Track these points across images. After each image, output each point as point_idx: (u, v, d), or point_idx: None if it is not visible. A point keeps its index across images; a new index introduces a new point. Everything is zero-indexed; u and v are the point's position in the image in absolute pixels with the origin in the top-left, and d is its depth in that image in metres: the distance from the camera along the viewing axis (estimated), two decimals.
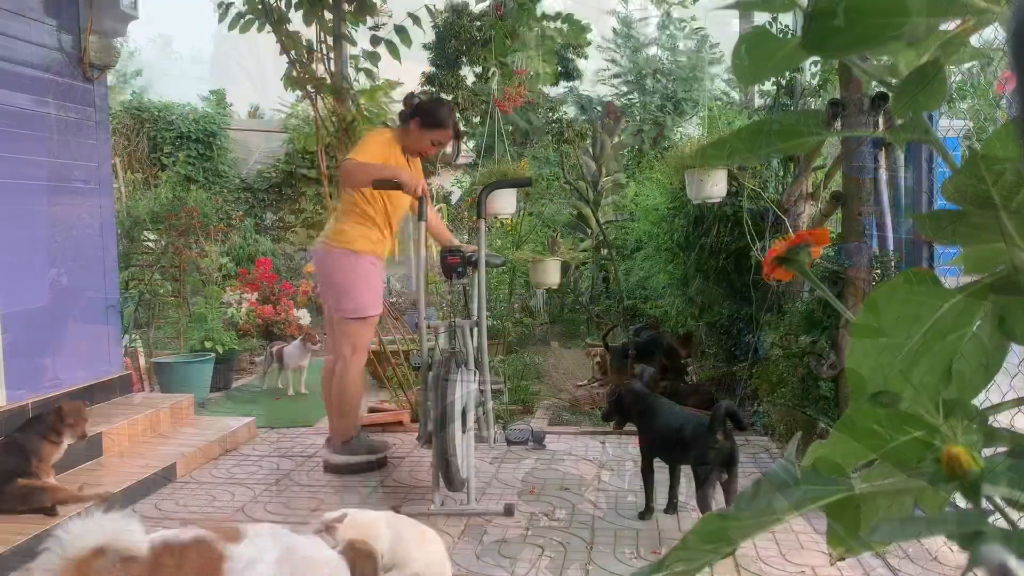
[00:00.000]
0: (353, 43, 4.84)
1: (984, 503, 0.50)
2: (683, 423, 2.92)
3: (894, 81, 0.59)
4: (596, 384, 5.75)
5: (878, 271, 3.33)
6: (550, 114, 11.34)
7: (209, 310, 5.88)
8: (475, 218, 4.08)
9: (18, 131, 3.85)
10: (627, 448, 4.08)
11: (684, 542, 0.57)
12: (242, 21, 4.66)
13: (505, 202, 4.77)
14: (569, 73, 12.38)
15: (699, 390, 4.93)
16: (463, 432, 3.24)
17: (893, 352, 0.61)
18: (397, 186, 3.38)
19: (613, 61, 13.85)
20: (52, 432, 3.15)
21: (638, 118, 10.27)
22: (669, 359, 4.90)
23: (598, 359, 5.82)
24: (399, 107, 3.91)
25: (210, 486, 3.63)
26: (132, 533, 1.67)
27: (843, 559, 0.67)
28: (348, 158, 3.54)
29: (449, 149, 3.90)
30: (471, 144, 9.51)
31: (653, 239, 5.53)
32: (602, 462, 3.87)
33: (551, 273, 5.23)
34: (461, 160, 12.38)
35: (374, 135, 3.70)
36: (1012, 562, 0.40)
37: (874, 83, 0.62)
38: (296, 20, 4.66)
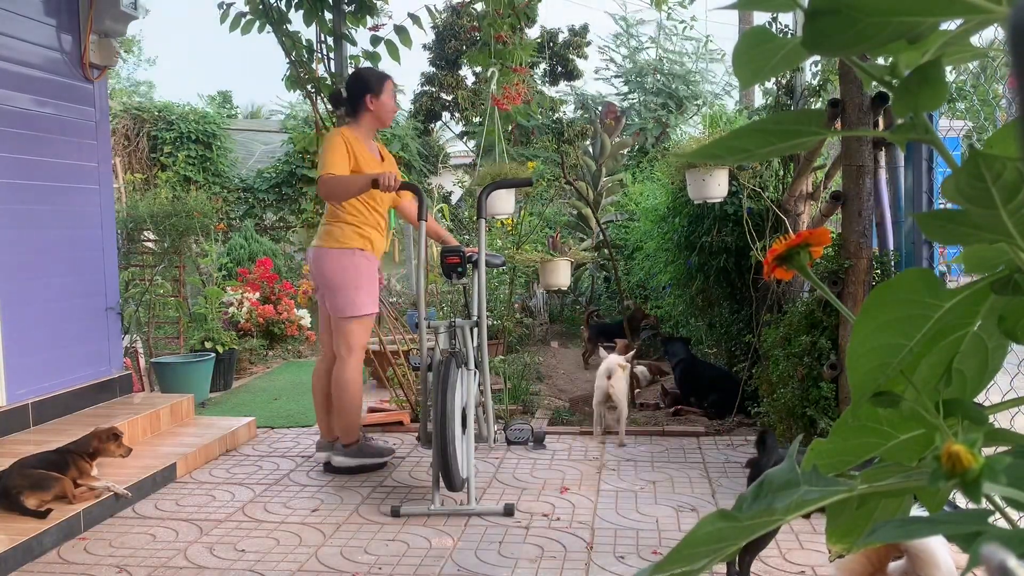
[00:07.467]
0: (353, 43, 4.84)
1: (984, 503, 0.51)
2: None
3: (894, 81, 0.59)
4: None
5: (878, 271, 3.32)
6: (550, 113, 11.34)
7: (209, 310, 5.88)
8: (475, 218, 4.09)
9: (18, 131, 3.85)
10: (627, 448, 4.08)
11: (684, 543, 0.57)
12: (243, 21, 4.67)
13: (505, 202, 4.76)
14: (569, 73, 12.38)
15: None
16: (463, 432, 3.24)
17: (893, 352, 0.61)
18: (376, 185, 3.41)
19: (612, 60, 13.83)
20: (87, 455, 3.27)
21: (640, 117, 10.26)
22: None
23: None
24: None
25: (210, 486, 3.63)
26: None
27: (842, 556, 0.67)
28: (321, 174, 3.51)
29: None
30: (471, 144, 9.50)
31: (653, 239, 5.53)
32: (602, 462, 3.87)
33: (562, 274, 5.16)
34: (461, 160, 12.39)
35: (333, 140, 3.60)
36: (1012, 562, 0.40)
37: (874, 83, 0.62)
38: (296, 20, 4.67)
